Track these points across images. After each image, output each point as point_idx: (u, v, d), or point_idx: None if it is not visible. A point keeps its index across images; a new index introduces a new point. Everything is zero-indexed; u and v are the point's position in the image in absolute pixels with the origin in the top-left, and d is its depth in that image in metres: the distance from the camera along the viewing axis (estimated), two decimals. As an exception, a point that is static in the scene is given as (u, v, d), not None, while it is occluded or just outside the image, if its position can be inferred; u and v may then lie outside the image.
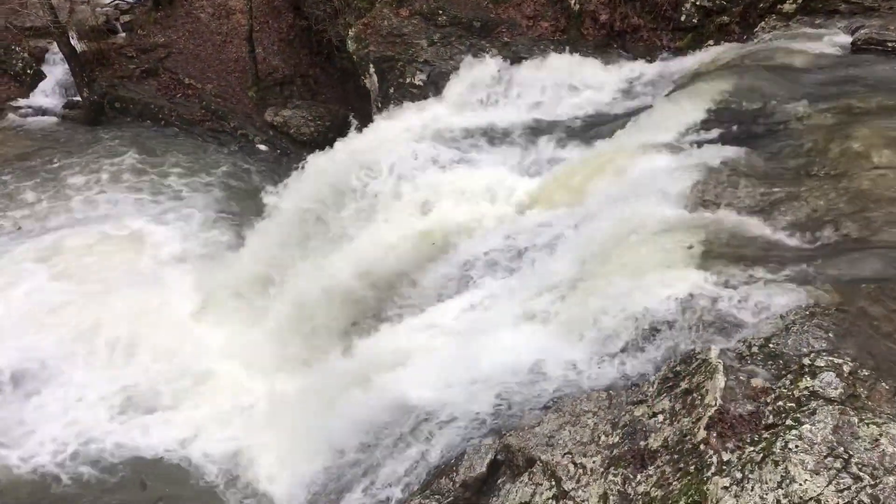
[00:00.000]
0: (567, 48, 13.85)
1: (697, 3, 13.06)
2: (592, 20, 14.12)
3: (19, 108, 21.29)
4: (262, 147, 20.01)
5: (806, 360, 6.07)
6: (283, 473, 10.29)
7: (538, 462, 6.88)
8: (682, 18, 13.31)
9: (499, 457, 7.47)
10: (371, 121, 16.76)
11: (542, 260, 9.55)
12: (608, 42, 14.02)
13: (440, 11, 14.87)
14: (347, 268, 11.23)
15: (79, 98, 21.16)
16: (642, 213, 8.99)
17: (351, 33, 15.75)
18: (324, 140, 19.13)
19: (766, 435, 5.53)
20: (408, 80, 14.87)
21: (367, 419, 8.66)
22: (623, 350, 7.75)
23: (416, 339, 9.39)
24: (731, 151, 9.53)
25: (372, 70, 15.40)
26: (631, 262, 8.34)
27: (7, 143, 19.85)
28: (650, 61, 13.18)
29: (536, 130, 12.34)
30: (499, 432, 7.72)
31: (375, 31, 15.32)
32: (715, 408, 5.96)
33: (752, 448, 5.49)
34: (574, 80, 12.95)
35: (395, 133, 13.05)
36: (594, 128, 12.17)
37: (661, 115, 11.25)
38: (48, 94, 21.66)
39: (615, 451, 6.48)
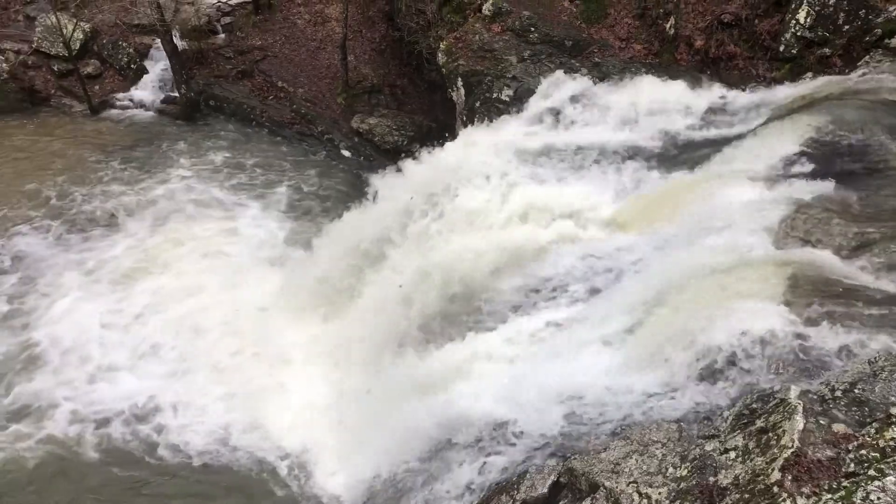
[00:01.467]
0: (659, 72, 13.68)
1: (798, 34, 12.71)
2: (687, 45, 13.90)
3: (121, 100, 22.29)
4: (347, 153, 20.37)
5: (894, 410, 5.80)
6: (344, 471, 10.41)
7: (602, 488, 6.77)
8: (781, 49, 12.97)
9: (561, 479, 7.38)
10: (455, 133, 16.93)
11: (620, 283, 9.42)
12: (701, 68, 13.77)
13: (532, 29, 14.89)
14: (423, 276, 11.30)
15: (176, 94, 22.01)
16: (726, 243, 8.79)
17: (442, 46, 15.91)
18: (407, 150, 19.39)
19: (845, 483, 5.30)
20: (495, 95, 14.92)
21: (430, 427, 8.69)
22: (697, 382, 7.58)
23: (486, 352, 9.38)
24: (824, 187, 9.23)
25: (460, 83, 15.52)
26: (711, 292, 8.15)
27: (108, 135, 20.81)
28: (744, 90, 12.86)
29: (622, 152, 12.19)
30: (563, 454, 7.63)
31: (466, 46, 15.44)
32: (792, 450, 5.75)
33: (829, 496, 5.27)
34: (664, 104, 12.74)
35: (479, 147, 13.10)
36: (682, 153, 11.96)
37: (753, 145, 10.98)
38: (148, 88, 22.59)
39: (682, 485, 6.32)
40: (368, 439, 10.06)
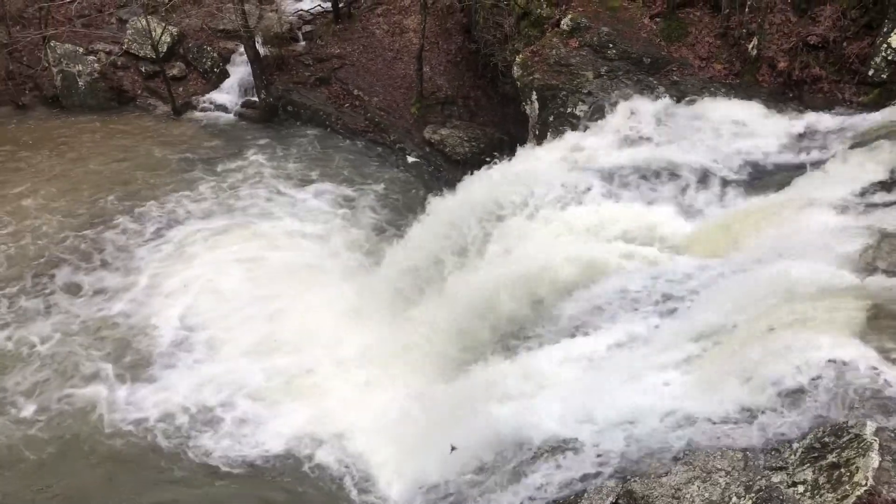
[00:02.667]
0: (739, 92, 13.40)
1: (889, 58, 12.29)
2: (769, 67, 13.59)
3: (203, 102, 23.03)
4: (418, 161, 20.56)
5: (978, 453, 5.53)
6: (402, 479, 10.44)
7: (662, 513, 6.63)
8: (870, 73, 12.57)
9: (620, 501, 7.25)
10: (527, 147, 16.91)
11: (690, 306, 9.23)
12: (784, 90, 13.44)
13: (610, 45, 14.78)
14: (489, 290, 11.28)
15: (256, 99, 22.63)
16: (804, 271, 8.52)
17: (518, 60, 15.92)
18: (477, 161, 19.40)
19: (921, 527, 5.08)
20: (569, 110, 14.85)
21: (490, 441, 8.66)
22: (766, 411, 7.36)
23: (549, 368, 9.31)
24: (909, 217, 8.88)
25: (534, 97, 15.50)
26: (786, 321, 7.92)
27: (189, 135, 21.54)
28: (828, 114, 12.50)
29: (699, 173, 11.95)
30: (623, 476, 7.49)
31: (542, 60, 15.42)
32: (865, 488, 5.54)
33: (904, 538, 5.06)
34: (743, 126, 12.47)
35: (551, 161, 13.07)
36: (760, 176, 11.68)
37: (835, 172, 10.66)
38: (229, 92, 23.32)
39: (747, 516, 6.15)
40: (428, 448, 10.07)
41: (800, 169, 11.39)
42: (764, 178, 11.62)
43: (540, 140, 15.45)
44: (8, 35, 22.66)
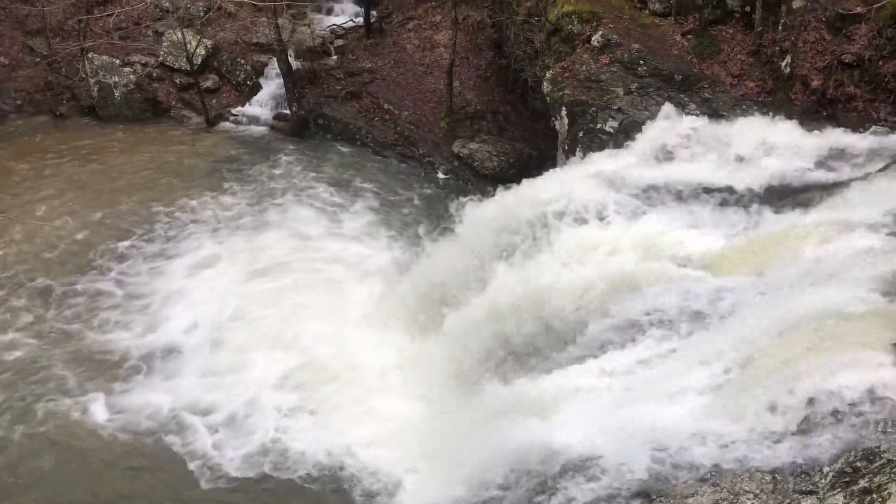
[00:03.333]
0: (772, 110, 13.28)
1: (926, 76, 12.14)
2: (803, 85, 13.45)
3: (235, 114, 23.35)
4: (446, 176, 20.63)
5: None
6: (426, 493, 10.40)
7: (687, 535, 6.55)
8: (906, 92, 12.41)
9: (645, 521, 7.19)
10: (555, 162, 16.90)
11: (718, 326, 9.14)
12: (817, 108, 13.28)
13: (641, 61, 14.75)
14: (516, 303, 11.27)
15: (287, 111, 22.89)
16: (834, 293, 8.42)
17: (548, 75, 15.95)
18: (505, 176, 19.45)
19: (956, 556, 4.96)
20: (598, 126, 14.83)
21: (514, 457, 8.61)
22: (796, 433, 7.27)
23: (575, 385, 9.26)
24: (947, 239, 8.73)
25: (563, 113, 15.50)
26: (816, 342, 7.81)
27: (222, 146, 21.82)
28: (863, 133, 12.33)
29: (728, 192, 11.86)
30: (648, 495, 7.43)
31: (573, 76, 15.42)
32: (898, 514, 5.43)
33: (937, 567, 4.94)
34: (775, 144, 12.35)
35: (580, 177, 13.03)
36: (793, 196, 11.55)
37: (869, 193, 10.54)
38: (262, 104, 23.58)
39: (775, 540, 6.05)
40: (451, 463, 10.05)
41: (833, 188, 11.26)
42: (796, 197, 11.49)
43: (569, 156, 15.44)
44: (48, 47, 23.18)
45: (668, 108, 13.80)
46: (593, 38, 15.48)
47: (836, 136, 12.35)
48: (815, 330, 7.87)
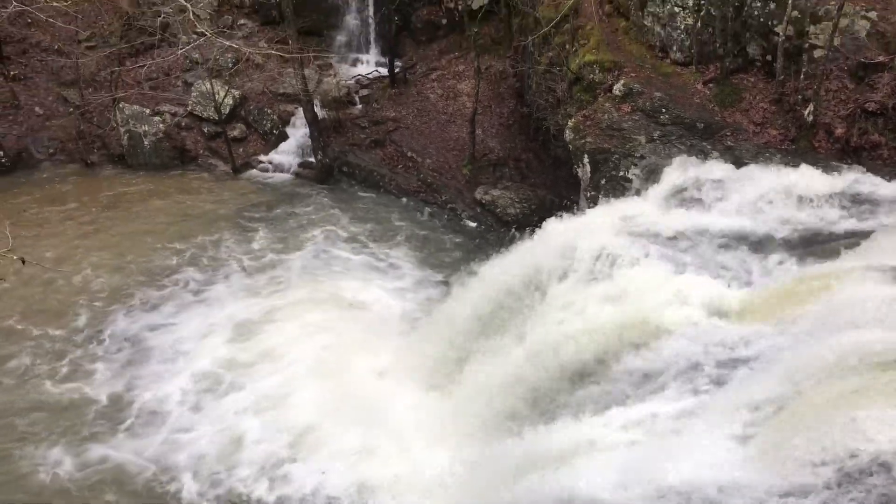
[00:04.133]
0: (795, 158, 13.26)
1: (951, 124, 12.10)
2: (826, 132, 13.46)
3: (262, 162, 23.74)
4: (469, 223, 20.75)
5: None
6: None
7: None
8: (931, 140, 12.37)
9: (675, 575, 7.02)
10: (578, 209, 16.93)
11: (744, 376, 9.01)
12: (842, 156, 13.26)
13: (663, 110, 14.84)
14: (537, 351, 11.20)
15: (313, 159, 23.24)
16: (864, 342, 8.27)
17: (570, 123, 16.08)
18: (528, 222, 19.52)
19: None
20: (621, 174, 14.88)
21: (542, 507, 8.49)
22: (827, 487, 7.09)
23: (597, 437, 9.13)
24: (978, 288, 8.59)
25: (586, 160, 15.58)
26: (847, 393, 7.67)
27: (248, 193, 22.16)
28: (888, 181, 12.26)
29: (754, 239, 11.79)
30: (677, 551, 7.27)
31: (594, 124, 15.54)
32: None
33: None
34: (800, 192, 12.28)
35: (602, 224, 13.03)
36: (818, 244, 11.45)
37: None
38: (287, 153, 23.98)
39: None
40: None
41: (859, 236, 11.15)
42: (822, 245, 11.39)
43: (592, 203, 15.47)
44: (81, 97, 23.80)
45: (690, 155, 13.82)
46: (615, 87, 15.62)
47: (862, 184, 12.28)
48: (844, 381, 7.73)
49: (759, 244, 11.88)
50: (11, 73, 24.62)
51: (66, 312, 16.47)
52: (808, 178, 12.50)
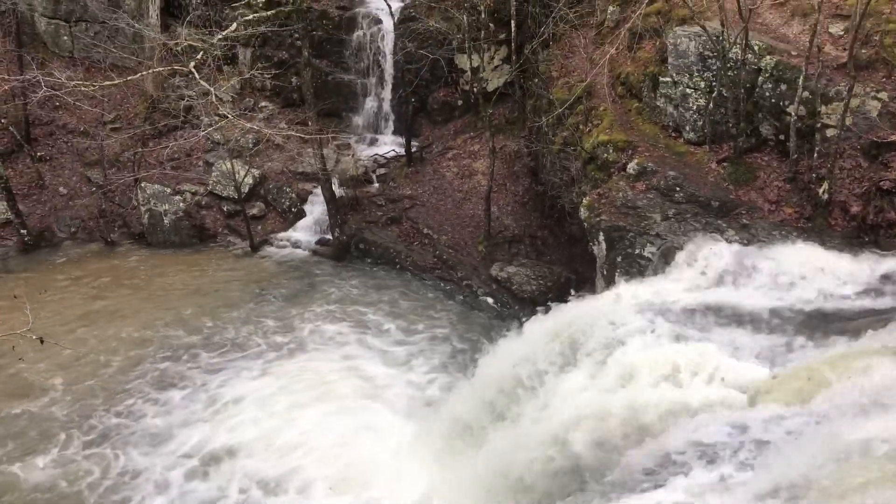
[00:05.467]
0: (812, 236, 13.25)
1: (968, 202, 12.08)
2: (842, 211, 13.47)
3: (279, 240, 24.00)
4: (485, 300, 20.71)
5: None
6: None
7: None
8: (948, 217, 12.33)
9: None
10: (594, 286, 16.90)
11: (769, 459, 8.76)
12: (858, 234, 13.23)
13: (677, 188, 14.95)
14: (552, 435, 11.00)
15: (330, 237, 23.48)
16: (893, 427, 8.06)
17: (584, 201, 16.21)
18: (544, 299, 19.48)
19: None
20: (637, 252, 14.89)
21: None
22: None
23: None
24: None
25: (601, 238, 15.63)
26: (875, 477, 7.43)
27: (265, 270, 22.35)
28: (908, 259, 12.19)
29: (773, 318, 11.65)
30: None
31: (609, 202, 15.65)
32: None
33: None
34: (818, 270, 12.22)
35: (619, 302, 12.95)
36: (839, 323, 11.30)
37: (919, 319, 10.25)
38: (305, 230, 24.29)
39: None
40: None
41: (882, 315, 11.00)
42: (843, 324, 11.24)
43: (608, 281, 15.45)
44: (104, 177, 24.36)
45: (706, 234, 13.84)
46: (629, 166, 15.79)
47: (880, 262, 12.21)
48: (876, 466, 7.50)
49: (780, 323, 11.74)
50: (38, 154, 25.32)
51: (79, 388, 16.44)
52: (826, 256, 12.47)
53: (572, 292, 19.38)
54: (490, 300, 20.62)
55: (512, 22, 23.79)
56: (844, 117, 13.22)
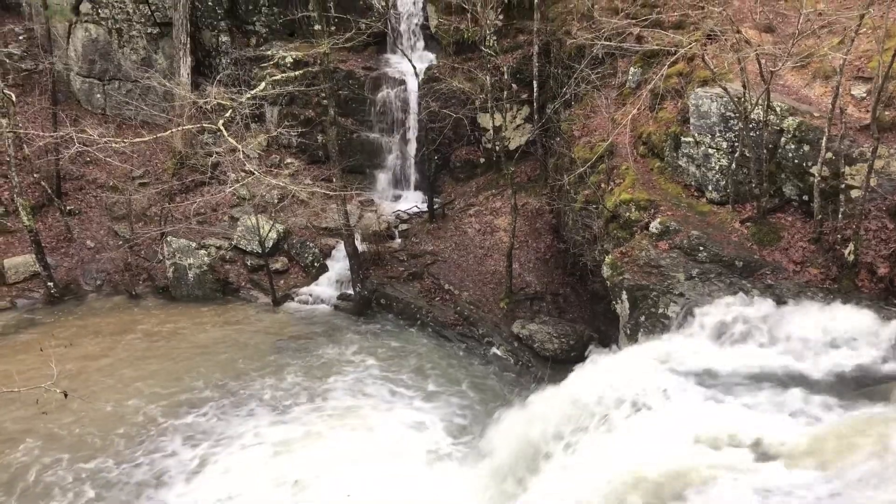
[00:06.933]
0: (839, 298, 13.11)
1: None
2: (869, 272, 13.34)
3: (301, 295, 24.11)
4: (506, 357, 20.54)
5: None
6: None
7: None
8: (978, 280, 12.17)
9: None
10: (617, 345, 16.75)
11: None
12: (887, 296, 13.07)
13: (701, 248, 14.91)
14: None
15: (351, 292, 23.56)
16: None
17: (607, 260, 16.19)
18: (566, 358, 19.32)
19: None
20: (660, 311, 14.78)
21: None
22: None
23: None
24: None
25: (624, 297, 15.56)
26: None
27: (286, 326, 22.39)
28: (938, 321, 12.02)
29: (800, 380, 11.50)
30: None
31: (632, 261, 15.62)
32: None
33: None
34: (846, 332, 12.08)
35: (642, 362, 12.85)
36: (868, 386, 11.12)
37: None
38: (327, 285, 24.38)
39: None
40: None
41: (911, 379, 10.84)
42: (873, 387, 11.06)
43: (631, 340, 15.32)
44: (131, 231, 24.75)
45: (730, 294, 13.74)
46: (652, 225, 15.80)
47: (910, 325, 12.06)
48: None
49: (805, 384, 11.59)
50: (68, 208, 25.81)
51: (103, 442, 16.46)
52: (853, 318, 12.32)
53: (591, 348, 19.36)
54: (511, 358, 20.43)
55: (534, 82, 24.21)
56: (869, 178, 13.20)
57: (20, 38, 29.39)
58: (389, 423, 17.20)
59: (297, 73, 23.35)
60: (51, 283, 23.28)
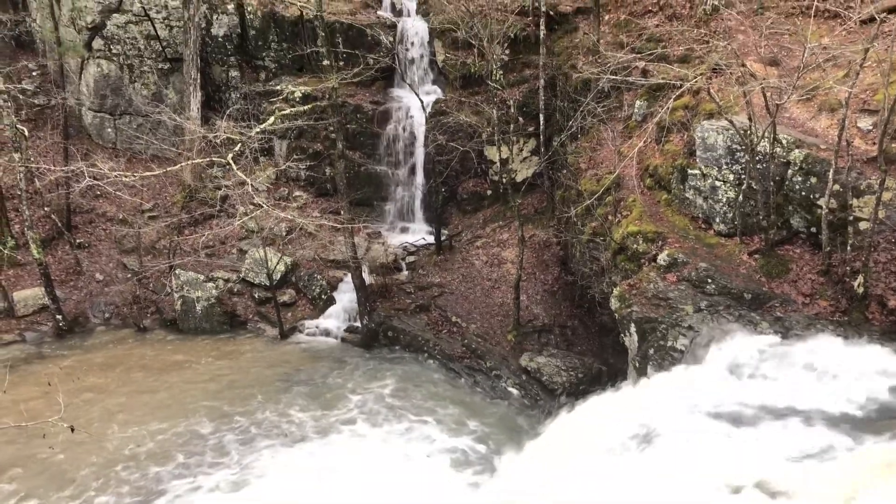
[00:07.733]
0: (849, 330, 13.02)
1: None
2: (879, 304, 13.26)
3: (308, 327, 24.08)
4: (514, 390, 20.41)
5: None
6: None
7: None
8: None
9: None
10: (625, 378, 16.64)
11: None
12: (897, 328, 13.01)
13: (709, 280, 14.86)
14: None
15: (359, 324, 23.52)
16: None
17: (615, 292, 16.16)
18: (575, 391, 19.17)
19: None
20: (669, 344, 14.71)
21: None
22: None
23: None
24: None
25: (633, 329, 15.50)
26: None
27: (292, 358, 22.33)
28: (950, 354, 11.91)
29: (811, 414, 11.35)
30: None
31: (640, 293, 15.58)
32: None
33: None
34: (857, 365, 11.97)
35: (652, 396, 12.75)
36: (882, 419, 10.98)
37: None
38: (335, 317, 24.36)
39: None
40: None
41: (925, 413, 10.71)
42: (884, 423, 10.92)
43: (640, 373, 15.23)
44: (140, 264, 24.83)
45: (739, 326, 13.67)
46: (659, 257, 15.78)
47: (922, 357, 11.94)
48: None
49: (822, 419, 11.43)
50: (77, 241, 25.95)
51: (106, 479, 16.35)
52: (865, 351, 12.23)
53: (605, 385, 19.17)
54: (519, 391, 20.30)
55: (541, 115, 24.38)
56: (877, 210, 13.19)
57: (34, 73, 29.85)
58: (394, 456, 17.02)
59: (305, 107, 23.59)
60: (59, 317, 23.31)
